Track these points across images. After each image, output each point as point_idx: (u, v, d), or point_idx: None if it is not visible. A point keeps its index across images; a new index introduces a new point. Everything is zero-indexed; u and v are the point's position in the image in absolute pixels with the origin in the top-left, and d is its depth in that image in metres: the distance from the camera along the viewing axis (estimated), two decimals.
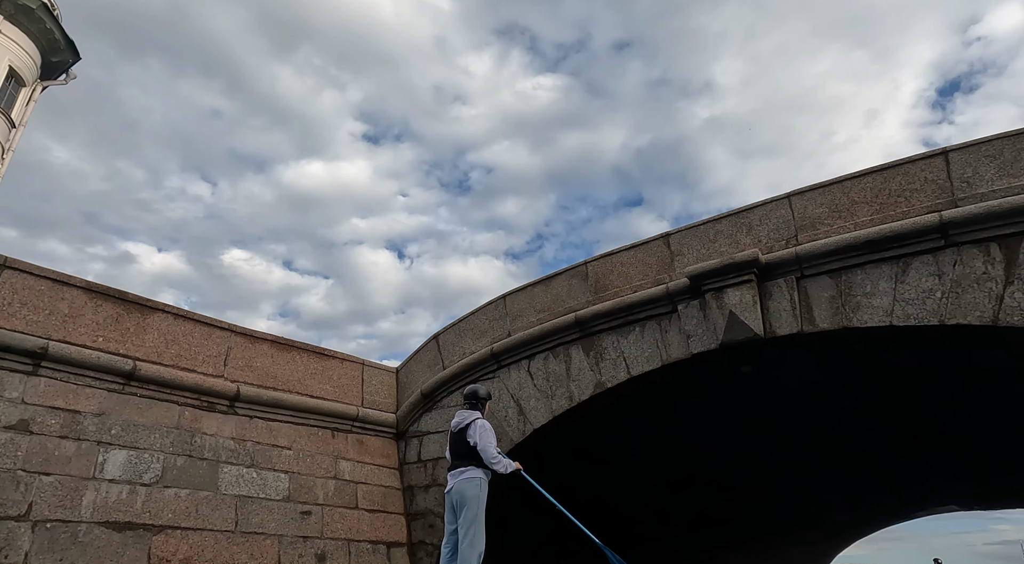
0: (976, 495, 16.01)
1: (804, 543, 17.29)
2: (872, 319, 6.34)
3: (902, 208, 6.51)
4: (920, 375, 7.40)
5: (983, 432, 9.48)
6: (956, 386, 7.65)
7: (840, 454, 11.33)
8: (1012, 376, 7.02)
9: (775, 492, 13.00)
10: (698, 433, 9.88)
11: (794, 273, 6.91)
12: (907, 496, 15.74)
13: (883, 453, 11.14)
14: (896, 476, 13.11)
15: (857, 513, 16.57)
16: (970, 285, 5.90)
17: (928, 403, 8.46)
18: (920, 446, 10.62)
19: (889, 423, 9.52)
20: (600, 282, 8.58)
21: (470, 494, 5.25)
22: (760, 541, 15.41)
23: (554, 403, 8.40)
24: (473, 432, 5.36)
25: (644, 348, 7.83)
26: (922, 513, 19.55)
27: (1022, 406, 8.03)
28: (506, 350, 9.00)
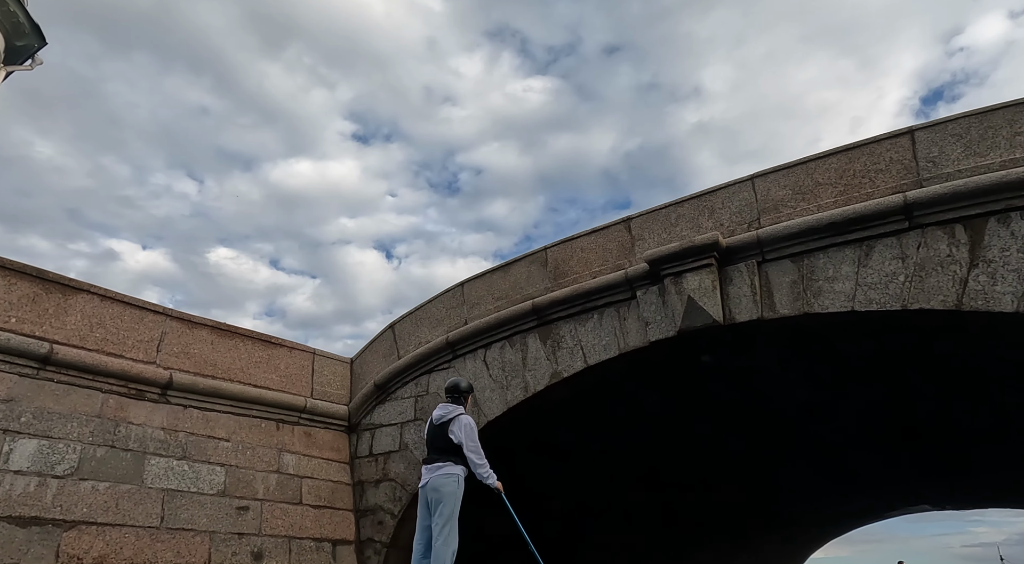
0: (948, 495, 15.97)
1: (776, 542, 17.14)
2: (834, 304, 6.08)
3: (866, 189, 6.26)
4: (884, 366, 7.17)
5: (952, 428, 9.30)
6: (921, 378, 7.43)
7: (809, 450, 11.13)
8: (976, 367, 6.80)
9: (744, 489, 12.79)
10: (662, 427, 9.61)
11: (755, 257, 6.63)
12: (879, 495, 15.66)
13: (852, 449, 10.96)
14: (867, 473, 12.97)
15: (829, 512, 16.45)
16: (934, 268, 5.65)
17: (894, 396, 8.24)
18: (889, 442, 10.44)
19: (857, 417, 9.32)
20: (559, 268, 8.26)
21: (447, 491, 5.07)
22: (731, 539, 15.22)
23: (509, 394, 8.06)
24: (457, 429, 5.21)
25: (602, 336, 7.51)
26: (895, 513, 19.53)
27: (988, 400, 7.84)
28: (462, 339, 8.65)
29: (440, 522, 4.99)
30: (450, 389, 5.56)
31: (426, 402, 8.81)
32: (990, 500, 17.00)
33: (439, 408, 5.49)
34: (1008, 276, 5.28)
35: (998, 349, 6.14)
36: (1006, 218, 5.43)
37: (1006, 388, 7.30)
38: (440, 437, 5.26)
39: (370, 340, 10.09)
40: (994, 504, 17.85)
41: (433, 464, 5.22)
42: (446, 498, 5.05)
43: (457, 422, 5.25)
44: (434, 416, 5.43)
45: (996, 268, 5.36)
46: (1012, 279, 5.26)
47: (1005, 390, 7.36)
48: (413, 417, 8.86)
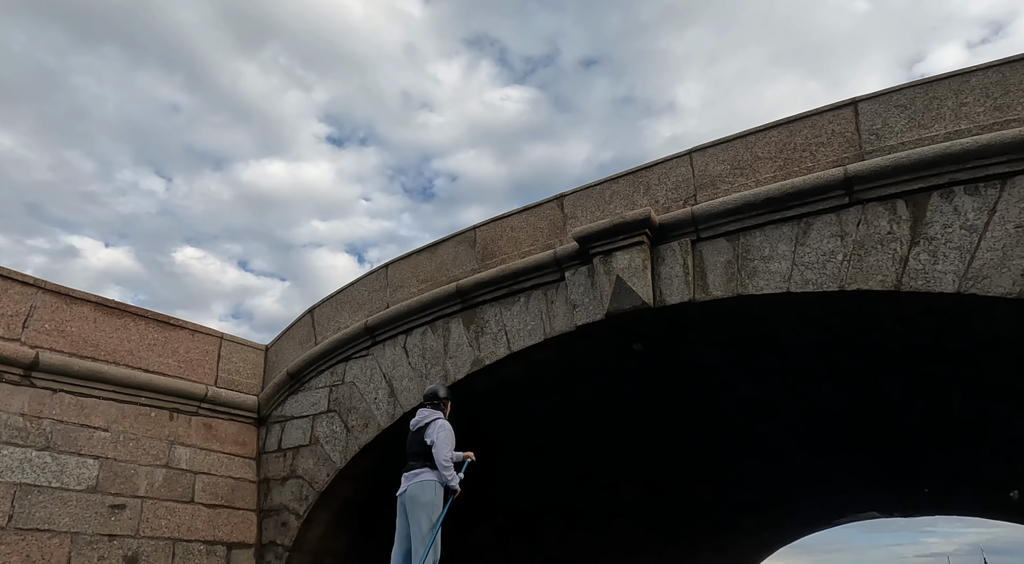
0: (896, 502, 15.86)
1: (723, 548, 16.84)
2: (769, 285, 5.65)
3: (807, 164, 5.86)
4: (826, 357, 6.79)
5: (897, 430, 9.03)
6: (864, 374, 7.08)
7: (753, 452, 10.78)
8: (920, 361, 6.47)
9: (688, 492, 12.40)
10: (598, 424, 9.11)
11: (690, 235, 6.18)
12: (827, 501, 15.48)
13: (798, 451, 10.64)
14: (813, 478, 12.71)
15: (777, 518, 16.22)
16: (873, 246, 5.26)
17: (837, 393, 7.89)
18: (835, 444, 10.15)
19: (801, 417, 8.97)
20: (488, 249, 7.70)
21: (423, 499, 4.89)
22: (675, 544, 14.84)
23: (428, 383, 7.45)
24: (432, 431, 5.09)
25: (528, 321, 6.98)
26: (844, 520, 19.45)
27: (934, 399, 7.54)
28: (381, 324, 8.02)
29: (418, 532, 4.80)
30: (428, 395, 5.46)
31: (341, 392, 8.16)
32: (938, 508, 16.98)
33: (418, 413, 5.38)
34: (950, 254, 4.92)
35: (942, 338, 5.79)
36: (949, 193, 5.07)
37: (952, 385, 7.00)
38: (417, 442, 5.15)
39: (287, 326, 9.38)
40: (942, 512, 17.87)
41: (411, 471, 5.08)
42: (423, 507, 4.87)
43: (433, 426, 5.14)
44: (412, 422, 5.32)
45: (938, 246, 4.99)
46: (954, 258, 4.89)
47: (951, 387, 7.06)
48: (326, 408, 8.19)
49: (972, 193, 4.97)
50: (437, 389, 5.49)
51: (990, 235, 4.81)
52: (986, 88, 5.19)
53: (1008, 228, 4.75)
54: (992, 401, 7.02)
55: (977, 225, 4.88)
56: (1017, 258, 4.64)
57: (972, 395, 7.07)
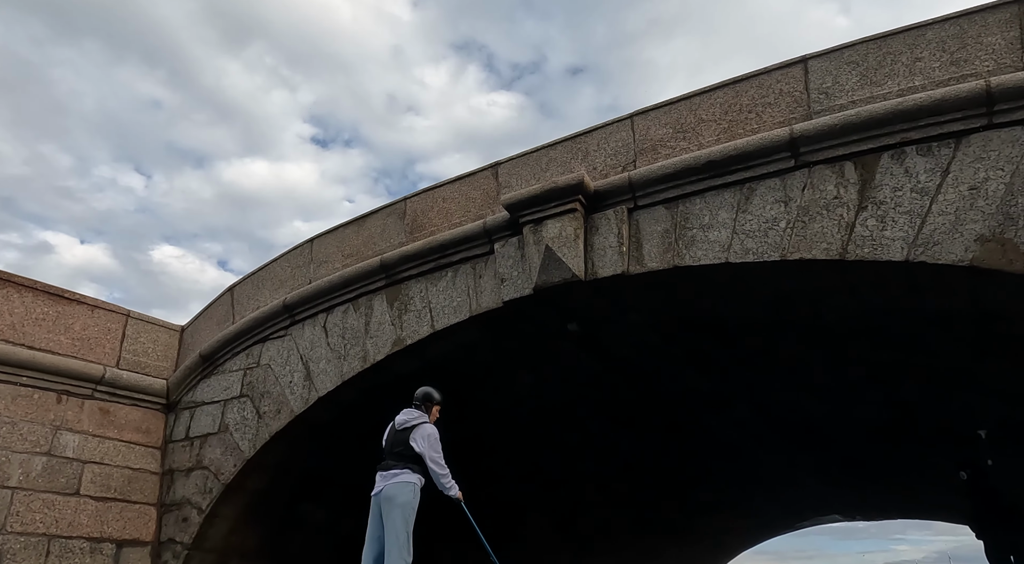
0: (856, 504, 15.63)
1: (681, 553, 16.45)
2: (707, 256, 5.19)
3: (752, 126, 5.42)
4: (772, 339, 6.36)
5: (852, 423, 8.66)
6: (815, 359, 6.67)
7: (707, 449, 10.37)
8: (871, 344, 6.06)
9: (640, 493, 11.95)
10: (538, 416, 8.60)
11: (627, 203, 5.70)
12: (787, 502, 15.17)
13: (752, 448, 10.25)
14: (771, 477, 12.36)
15: (736, 520, 15.88)
16: (819, 212, 4.83)
17: (787, 384, 7.48)
18: (789, 439, 9.77)
19: (751, 409, 8.56)
20: (418, 221, 7.15)
21: (400, 500, 4.82)
22: (630, 548, 14.39)
23: (345, 365, 6.87)
24: (420, 438, 5.01)
25: (454, 297, 6.44)
26: (807, 522, 19.22)
27: (888, 388, 7.17)
28: (301, 302, 7.41)
29: (392, 533, 4.72)
30: (419, 397, 5.35)
31: (256, 376, 7.53)
32: (901, 510, 16.82)
33: (403, 414, 5.28)
34: (899, 219, 4.49)
35: (894, 319, 5.39)
36: (900, 154, 4.65)
37: (906, 372, 6.63)
38: (400, 443, 5.06)
39: (206, 305, 8.71)
40: (905, 515, 17.73)
41: (389, 471, 5.00)
42: (399, 508, 4.80)
43: (420, 430, 5.05)
44: (396, 421, 5.23)
45: (887, 211, 4.57)
46: (903, 223, 4.47)
47: (905, 374, 6.68)
48: (239, 393, 7.55)
49: (925, 153, 4.56)
50: (431, 392, 5.40)
51: (942, 198, 4.40)
52: (943, 42, 4.79)
53: (962, 190, 4.34)
54: (949, 389, 6.66)
55: (929, 187, 4.46)
56: (970, 222, 4.23)
57: (928, 384, 6.71)
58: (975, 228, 4.21)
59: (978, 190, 4.28)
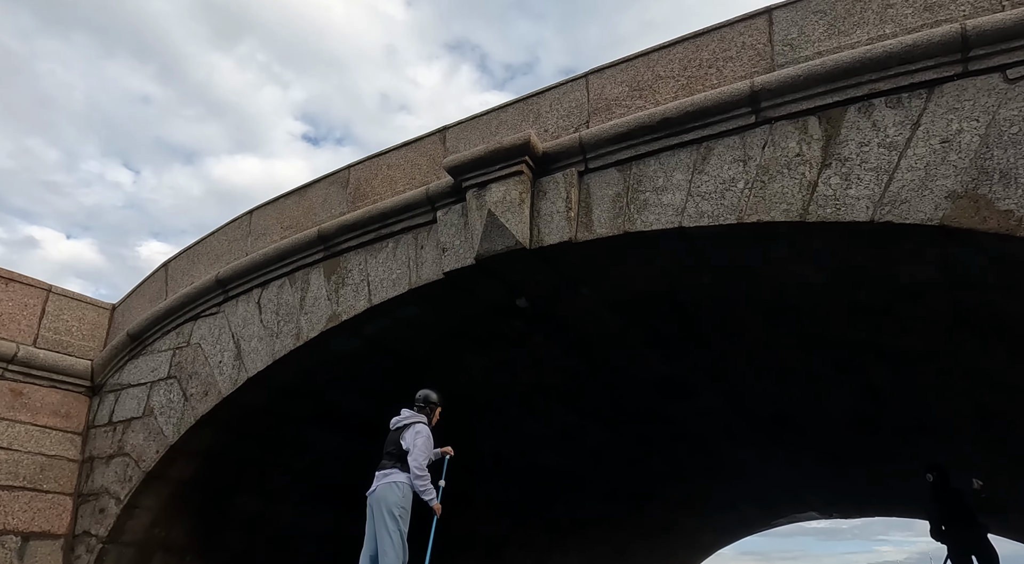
0: (832, 501, 15.38)
1: (654, 551, 16.12)
2: (659, 220, 4.78)
3: (712, 81, 5.02)
4: (735, 320, 5.97)
5: (823, 414, 8.32)
6: (777, 341, 6.29)
7: (674, 441, 10.00)
8: (840, 325, 5.69)
9: (607, 487, 11.58)
10: (494, 403, 8.17)
11: (577, 165, 5.29)
12: (762, 499, 14.88)
13: (722, 440, 9.89)
14: (744, 472, 12.02)
15: (710, 517, 15.58)
16: (779, 171, 4.43)
17: (753, 370, 7.11)
18: (759, 431, 9.43)
19: (718, 397, 8.18)
20: (361, 190, 6.69)
21: (392, 501, 4.86)
22: (601, 545, 14.02)
23: (278, 343, 6.40)
24: (409, 435, 5.05)
25: (393, 269, 5.99)
26: (784, 520, 19.00)
27: (857, 374, 6.82)
28: (235, 276, 6.93)
29: (385, 535, 4.77)
30: (419, 398, 5.40)
31: (185, 356, 7.03)
32: (877, 508, 16.60)
33: (401, 413, 5.32)
34: (865, 176, 4.11)
35: (859, 292, 5.01)
36: (868, 107, 4.27)
37: (876, 355, 6.27)
38: (392, 443, 5.14)
39: (139, 282, 8.19)
40: (881, 512, 17.52)
41: (382, 470, 5.05)
42: (391, 509, 4.83)
43: (412, 428, 5.09)
44: (393, 420, 5.29)
45: (852, 167, 4.18)
46: (869, 180, 4.09)
47: (875, 357, 6.32)
48: (167, 374, 7.05)
49: (894, 106, 4.18)
50: (428, 393, 5.45)
51: (912, 153, 4.02)
52: None
53: (933, 144, 3.96)
54: (921, 375, 6.32)
55: (898, 142, 4.08)
56: (941, 178, 3.86)
57: (900, 369, 6.36)
58: (946, 184, 3.83)
59: (950, 143, 3.90)
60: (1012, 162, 3.68)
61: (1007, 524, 13.49)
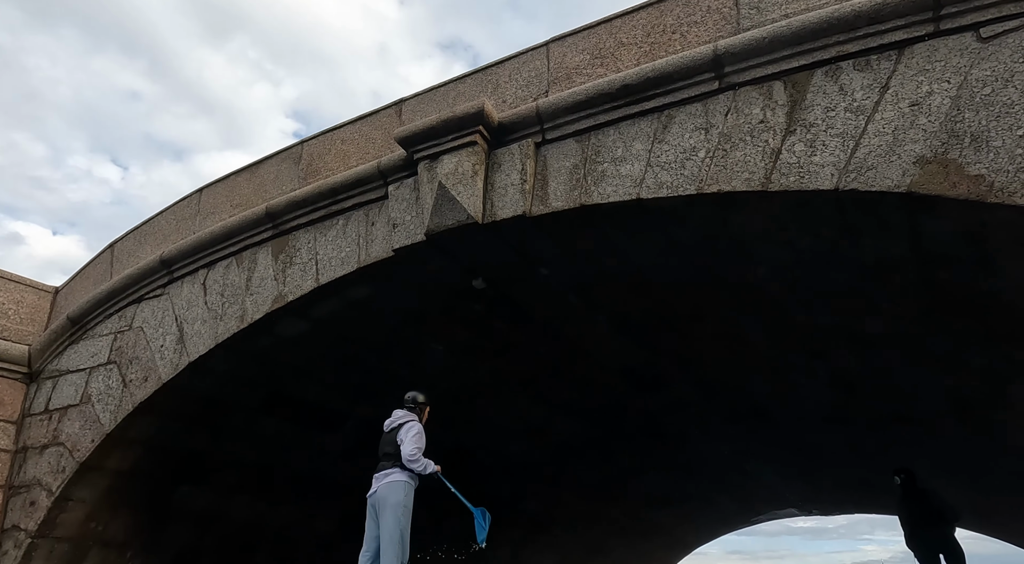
0: (811, 496, 15.26)
1: (632, 547, 15.93)
2: (617, 192, 4.53)
3: (675, 48, 4.77)
4: (698, 303, 5.73)
5: (794, 403, 8.13)
6: (743, 322, 6.06)
7: (648, 434, 9.77)
8: (807, 306, 5.48)
9: (580, 483, 11.34)
10: (460, 391, 7.88)
11: (534, 136, 5.03)
12: (741, 495, 14.72)
13: (697, 433, 9.68)
14: (721, 467, 11.84)
15: (688, 514, 15.40)
16: (742, 139, 4.20)
17: (723, 358, 6.88)
18: (735, 423, 9.22)
19: (691, 388, 7.96)
20: (313, 165, 6.40)
21: (393, 501, 4.94)
22: (575, 542, 13.80)
23: (221, 325, 6.09)
24: (403, 432, 5.13)
25: (343, 246, 5.70)
26: (764, 517, 18.88)
27: (825, 360, 6.61)
28: (180, 256, 6.60)
29: (387, 535, 4.85)
30: (408, 399, 5.51)
31: (126, 340, 6.69)
32: (856, 505, 16.52)
33: (392, 415, 5.40)
34: (831, 143, 3.88)
35: (827, 270, 4.79)
36: (835, 70, 4.04)
37: (850, 343, 6.06)
38: (389, 443, 5.23)
39: (84, 264, 7.83)
40: (860, 509, 17.45)
41: (381, 471, 5.14)
42: (392, 508, 4.91)
43: (406, 427, 5.18)
44: (386, 423, 5.39)
45: (817, 133, 3.95)
46: (835, 146, 3.85)
47: (848, 346, 6.12)
48: (106, 360, 6.71)
49: (862, 68, 3.95)
50: (416, 394, 5.56)
51: (880, 117, 3.79)
52: None
53: (902, 108, 3.74)
54: (892, 363, 6.12)
55: (865, 106, 3.85)
56: (909, 143, 3.63)
57: (871, 356, 6.16)
58: (915, 149, 3.60)
59: (920, 106, 3.68)
60: (984, 125, 3.46)
61: (985, 524, 13.44)
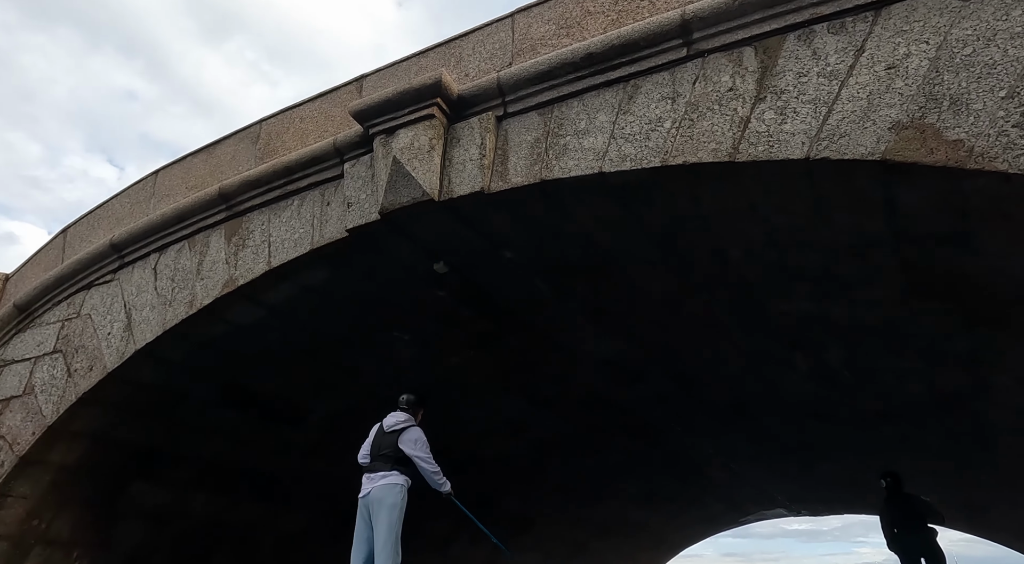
0: (798, 496, 15.06)
1: (617, 549, 15.69)
2: (579, 166, 4.28)
3: (643, 15, 4.53)
4: (668, 284, 5.48)
5: (777, 398, 7.90)
6: (719, 310, 5.82)
7: (627, 430, 9.53)
8: (785, 294, 5.24)
9: (559, 480, 11.09)
10: (428, 385, 7.60)
11: (495, 109, 4.78)
12: (727, 494, 14.52)
13: (676, 428, 9.44)
14: (704, 465, 11.62)
15: (674, 514, 15.18)
16: (709, 108, 3.95)
17: (697, 343, 6.63)
18: (714, 419, 8.99)
19: (667, 380, 7.72)
20: (271, 145, 6.13)
21: (389, 502, 4.96)
22: (556, 541, 13.55)
23: (170, 311, 5.80)
24: (408, 441, 5.14)
25: (297, 228, 5.43)
26: (752, 517, 18.69)
27: (809, 353, 6.38)
28: (131, 240, 6.32)
29: (382, 536, 4.87)
30: (403, 401, 5.49)
31: (73, 328, 6.40)
32: (844, 504, 16.33)
33: (390, 417, 5.35)
34: (802, 110, 3.64)
35: (802, 252, 4.55)
36: (809, 34, 3.80)
37: (828, 332, 5.84)
38: (388, 446, 5.17)
39: (36, 250, 7.53)
40: (848, 509, 17.27)
41: (376, 473, 5.11)
42: (388, 510, 4.94)
43: (408, 434, 5.18)
44: (385, 424, 5.33)
45: (788, 100, 3.71)
46: (807, 113, 3.62)
47: (827, 335, 5.89)
48: (52, 348, 6.41)
49: (837, 31, 3.72)
50: (410, 396, 5.54)
51: (854, 82, 3.55)
52: None
53: (877, 71, 3.50)
54: (874, 354, 5.90)
55: (839, 70, 3.62)
56: (885, 108, 3.39)
57: (853, 348, 5.93)
58: (890, 114, 3.37)
59: (896, 69, 3.44)
60: (964, 87, 3.23)
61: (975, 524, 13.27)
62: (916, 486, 10.14)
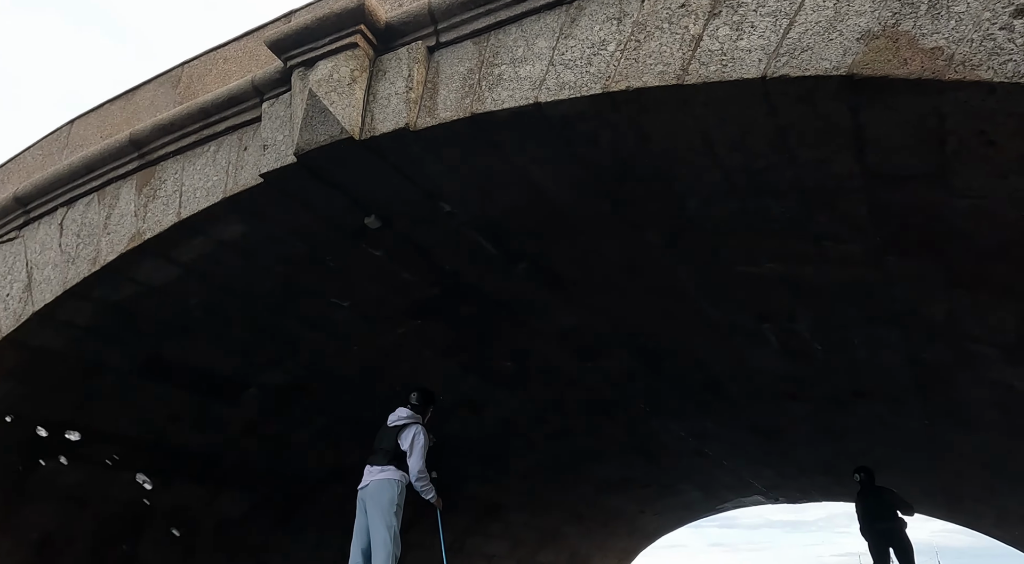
0: (776, 483, 14.82)
1: (588, 536, 15.38)
2: (513, 97, 3.81)
3: None
4: (624, 242, 5.04)
5: (746, 377, 7.52)
6: (681, 274, 5.39)
7: (596, 411, 9.14)
8: (738, 245, 4.81)
9: (527, 465, 10.69)
10: (374, 360, 7.15)
11: (427, 39, 4.29)
12: (704, 480, 14.24)
13: (646, 409, 9.06)
14: (678, 449, 11.27)
15: (649, 501, 14.87)
16: (658, 26, 3.49)
17: (659, 313, 6.21)
18: (685, 399, 8.62)
19: (633, 357, 7.31)
20: (192, 88, 5.60)
21: (387, 497, 5.06)
22: (530, 530, 13.19)
23: (72, 270, 5.27)
24: (408, 437, 5.23)
25: (211, 175, 4.91)
26: (730, 505, 18.50)
27: (776, 324, 5.98)
28: (37, 193, 5.78)
29: (379, 534, 4.96)
30: (412, 398, 5.57)
31: None
32: (821, 492, 16.14)
33: (396, 412, 5.46)
34: (760, 23, 3.19)
35: (764, 199, 4.12)
36: None
37: (797, 297, 5.42)
38: (389, 440, 5.31)
39: None
40: (826, 497, 17.11)
41: (376, 466, 5.25)
42: (385, 504, 5.04)
43: (409, 430, 5.27)
44: (389, 418, 5.45)
45: (745, 14, 3.25)
46: (766, 27, 3.16)
47: (796, 301, 5.48)
48: None
49: None
50: (415, 393, 5.61)
51: None
52: None
53: None
54: (847, 323, 5.50)
55: None
56: (854, 16, 2.95)
57: (824, 316, 5.53)
58: (860, 23, 2.92)
59: None
60: None
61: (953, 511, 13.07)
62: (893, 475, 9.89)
